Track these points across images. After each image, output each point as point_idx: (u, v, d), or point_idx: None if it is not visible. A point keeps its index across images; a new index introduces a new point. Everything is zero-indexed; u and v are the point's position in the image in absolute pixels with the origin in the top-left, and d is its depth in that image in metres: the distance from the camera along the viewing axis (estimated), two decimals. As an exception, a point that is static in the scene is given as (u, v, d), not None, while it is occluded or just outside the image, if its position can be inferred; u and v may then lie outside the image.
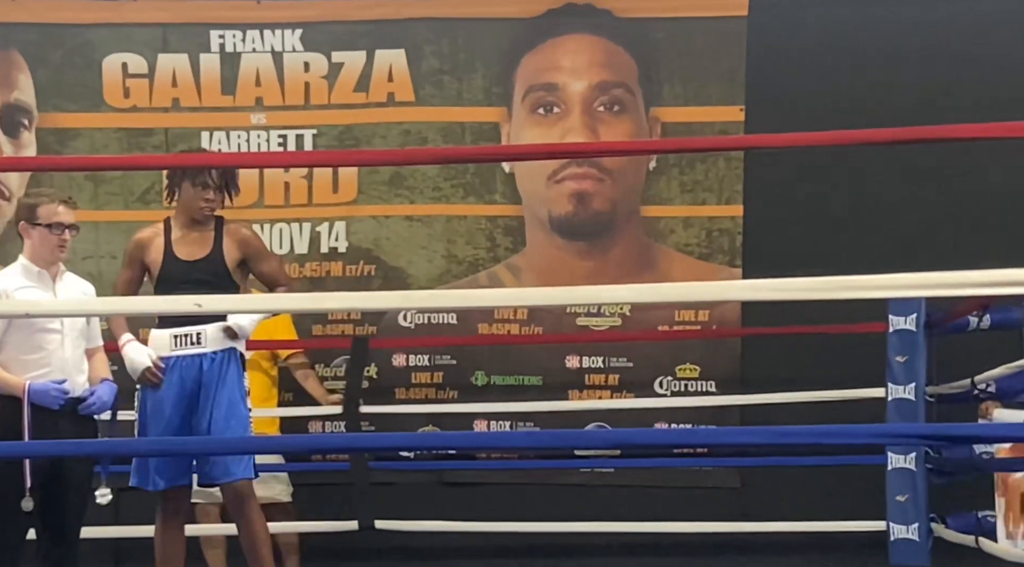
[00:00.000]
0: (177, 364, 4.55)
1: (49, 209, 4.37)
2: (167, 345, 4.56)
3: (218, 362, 4.56)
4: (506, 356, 6.24)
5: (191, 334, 4.55)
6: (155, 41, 6.29)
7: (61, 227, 4.36)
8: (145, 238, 4.65)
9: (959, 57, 6.10)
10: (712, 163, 6.21)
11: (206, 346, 4.56)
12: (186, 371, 4.55)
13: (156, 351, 4.56)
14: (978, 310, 5.33)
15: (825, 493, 5.92)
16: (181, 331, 4.54)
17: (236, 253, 4.63)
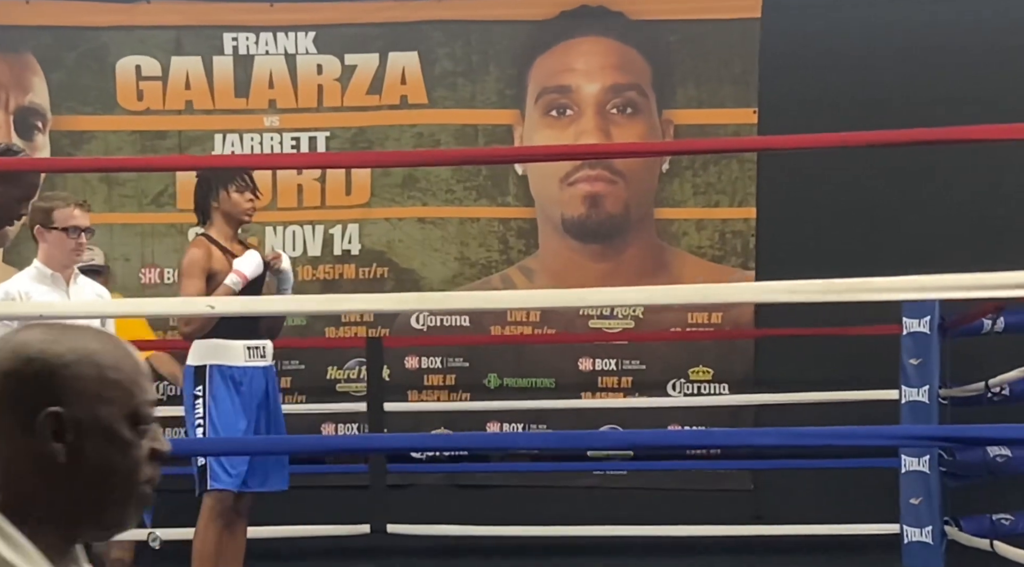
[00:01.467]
0: (250, 375, 4.65)
1: (65, 213, 4.39)
2: (241, 356, 4.63)
3: (273, 374, 4.77)
4: (519, 358, 6.23)
5: (260, 347, 4.67)
6: (168, 44, 6.30)
7: (78, 230, 4.38)
8: (201, 253, 4.68)
9: (972, 59, 6.08)
10: (725, 165, 6.20)
11: (268, 360, 4.72)
12: (256, 383, 4.66)
13: (227, 361, 4.62)
14: (993, 312, 5.32)
15: (838, 496, 5.91)
16: (252, 343, 4.66)
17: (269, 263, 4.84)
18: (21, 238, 6.08)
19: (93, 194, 6.10)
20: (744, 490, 6.12)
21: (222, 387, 4.62)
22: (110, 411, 1.47)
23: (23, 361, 1.46)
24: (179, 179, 6.25)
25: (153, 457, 1.50)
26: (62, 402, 1.45)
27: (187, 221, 6.28)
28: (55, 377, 1.45)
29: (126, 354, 1.50)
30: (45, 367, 1.45)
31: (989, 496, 5.45)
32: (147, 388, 1.51)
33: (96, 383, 1.46)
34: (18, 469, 1.45)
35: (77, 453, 1.45)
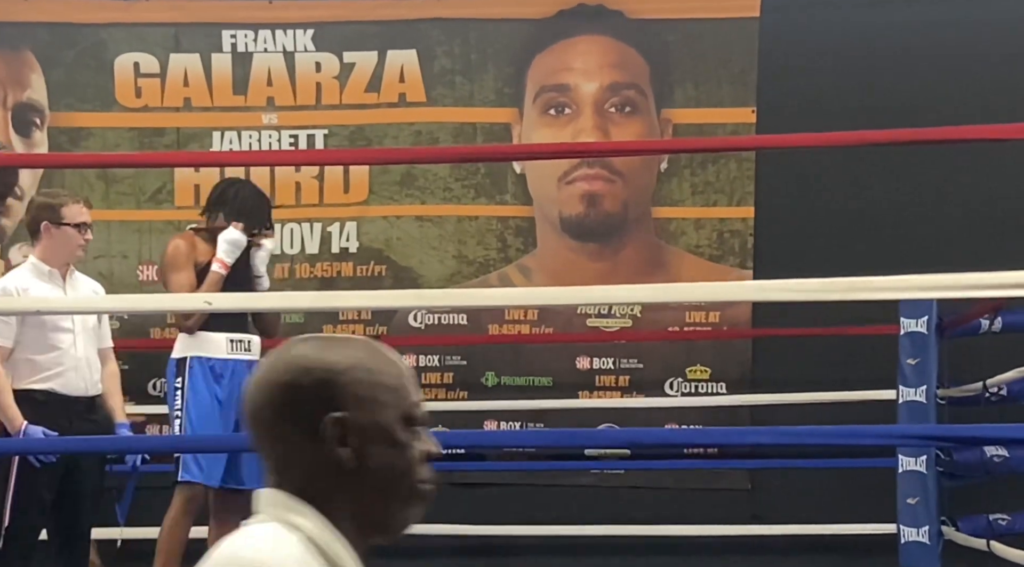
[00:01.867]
0: (231, 368, 4.64)
1: (74, 209, 4.41)
2: (223, 348, 4.63)
3: None
4: (516, 357, 6.23)
5: (245, 341, 4.66)
6: (167, 41, 6.30)
7: (86, 227, 4.41)
8: (186, 244, 4.74)
9: (970, 59, 6.08)
10: (723, 165, 6.20)
11: (254, 354, 4.70)
12: (240, 376, 4.64)
13: (209, 353, 4.63)
14: (990, 313, 5.31)
15: (836, 496, 5.91)
16: (236, 337, 4.66)
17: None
18: (19, 234, 6.09)
19: (91, 191, 6.09)
20: (741, 489, 6.12)
21: (201, 379, 4.61)
22: (386, 414, 1.52)
23: (302, 372, 1.52)
24: (177, 177, 6.25)
25: (427, 458, 1.55)
26: (343, 408, 1.51)
27: (185, 218, 6.27)
28: (334, 385, 1.51)
29: (392, 359, 1.56)
30: (323, 376, 1.51)
31: (986, 496, 5.45)
32: (415, 391, 1.56)
33: (371, 388, 1.52)
34: (311, 477, 1.51)
35: (362, 457, 1.51)
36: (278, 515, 1.51)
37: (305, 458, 1.51)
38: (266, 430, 1.54)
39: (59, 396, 4.33)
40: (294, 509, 1.51)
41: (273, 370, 1.54)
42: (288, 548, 1.47)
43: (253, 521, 1.53)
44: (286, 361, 1.54)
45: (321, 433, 1.50)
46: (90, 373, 4.40)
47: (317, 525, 1.50)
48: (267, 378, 1.54)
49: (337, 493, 1.51)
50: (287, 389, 1.52)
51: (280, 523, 1.50)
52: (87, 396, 4.39)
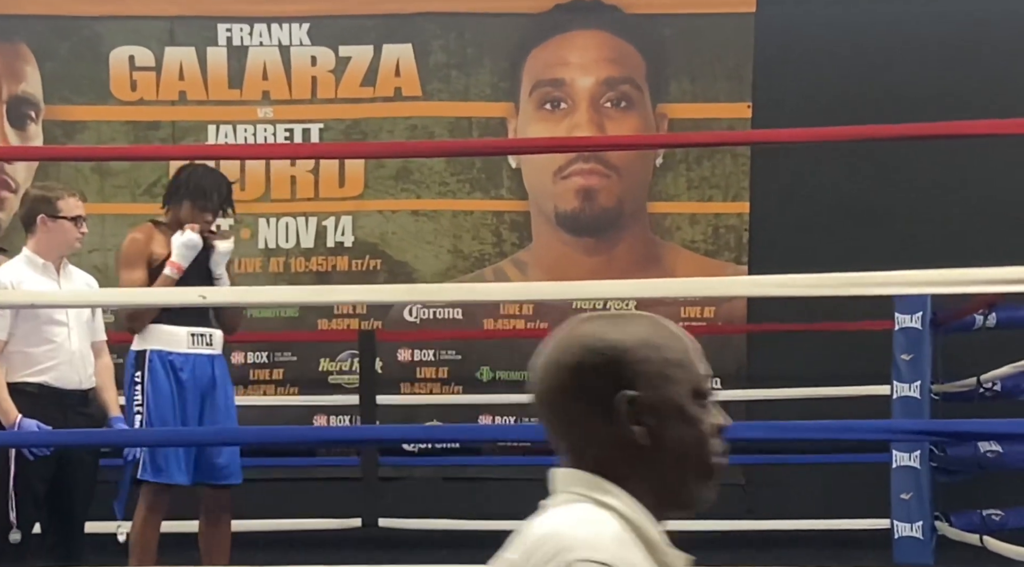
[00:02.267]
0: (192, 362, 4.61)
1: (70, 203, 4.42)
2: (184, 342, 4.61)
3: (222, 363, 4.69)
4: (511, 351, 6.23)
5: (206, 335, 4.63)
6: (162, 34, 6.29)
7: (82, 220, 4.43)
8: (143, 237, 4.69)
9: (967, 53, 6.09)
10: (719, 160, 6.20)
11: (215, 348, 4.65)
12: (201, 370, 4.62)
13: (170, 347, 4.59)
14: (984, 308, 5.32)
15: (829, 491, 5.92)
16: (197, 330, 4.62)
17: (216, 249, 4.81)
18: (14, 227, 6.08)
19: (86, 184, 6.09)
20: (736, 484, 6.12)
21: (161, 374, 4.60)
22: (677, 390, 1.52)
23: (591, 352, 1.52)
24: (172, 170, 6.23)
25: (718, 431, 1.54)
26: (634, 387, 1.50)
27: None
28: (624, 363, 1.51)
29: (676, 334, 1.56)
30: (613, 355, 1.51)
31: (980, 491, 5.45)
32: (702, 364, 1.56)
33: (660, 365, 1.52)
34: (607, 456, 1.51)
35: (657, 434, 1.51)
36: (585, 494, 1.50)
37: (599, 438, 1.51)
38: (558, 412, 1.53)
39: (53, 389, 4.33)
40: (600, 488, 1.51)
41: (562, 351, 1.53)
42: (605, 526, 1.47)
43: (558, 501, 1.52)
44: (574, 342, 1.53)
45: (614, 413, 1.49)
46: (84, 366, 4.40)
47: (627, 503, 1.49)
48: (556, 360, 1.53)
49: (634, 471, 1.50)
50: (578, 370, 1.51)
51: (590, 502, 1.50)
52: (81, 389, 4.39)
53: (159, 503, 4.58)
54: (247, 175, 6.23)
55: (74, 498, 4.39)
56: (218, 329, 4.68)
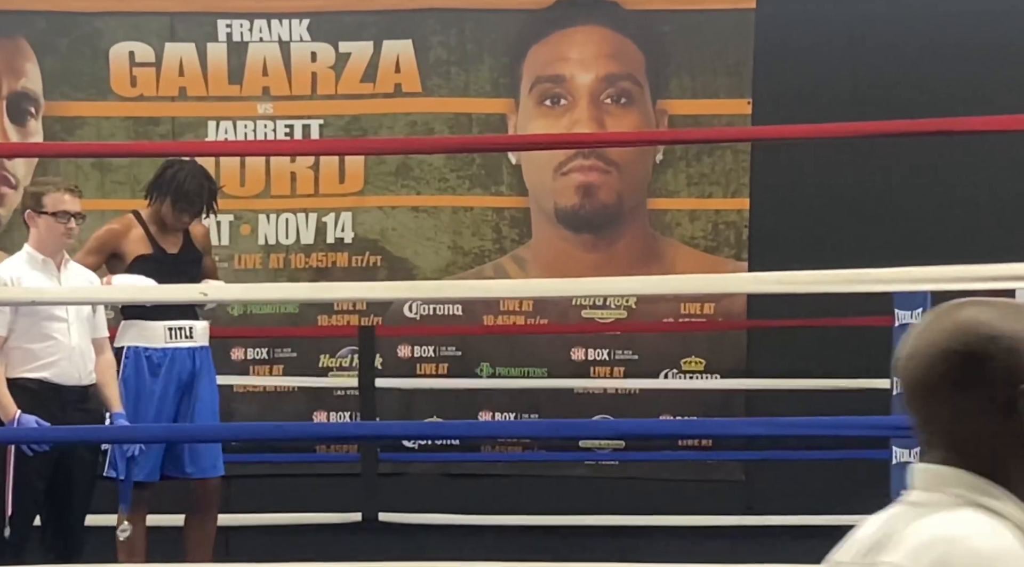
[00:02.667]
0: (170, 356, 4.59)
1: (55, 198, 4.39)
2: (161, 337, 4.61)
3: (206, 356, 4.68)
4: (511, 347, 6.23)
5: (185, 327, 4.61)
6: (162, 30, 6.28)
7: (67, 215, 4.38)
8: (121, 229, 4.69)
9: (968, 50, 6.08)
10: (719, 156, 6.20)
11: (196, 340, 4.65)
12: (181, 364, 4.62)
13: (147, 342, 4.60)
14: (984, 305, 5.31)
15: (829, 487, 5.92)
16: (175, 324, 4.60)
17: (200, 246, 4.84)
18: (13, 224, 6.08)
19: (86, 180, 6.09)
20: (735, 480, 6.13)
21: (133, 370, 4.59)
22: None
23: (985, 339, 1.40)
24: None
25: None
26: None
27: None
28: (1022, 354, 1.39)
29: None
30: (1011, 345, 1.40)
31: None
32: None
33: None
34: (993, 453, 1.39)
35: None
36: (969, 498, 1.39)
37: (985, 433, 1.39)
38: (934, 401, 1.41)
39: (52, 385, 4.34)
40: (988, 492, 1.38)
41: (945, 337, 1.41)
42: (1003, 539, 1.34)
43: (933, 502, 1.40)
44: (959, 328, 1.42)
45: (1012, 406, 1.37)
46: (83, 362, 4.41)
47: (1020, 510, 1.37)
48: (938, 346, 1.42)
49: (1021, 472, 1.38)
50: (968, 358, 1.40)
51: (976, 508, 1.37)
52: (80, 385, 4.39)
53: (140, 500, 4.58)
54: (247, 171, 6.23)
55: (73, 494, 4.39)
56: (201, 320, 4.68)
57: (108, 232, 4.68)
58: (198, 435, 4.47)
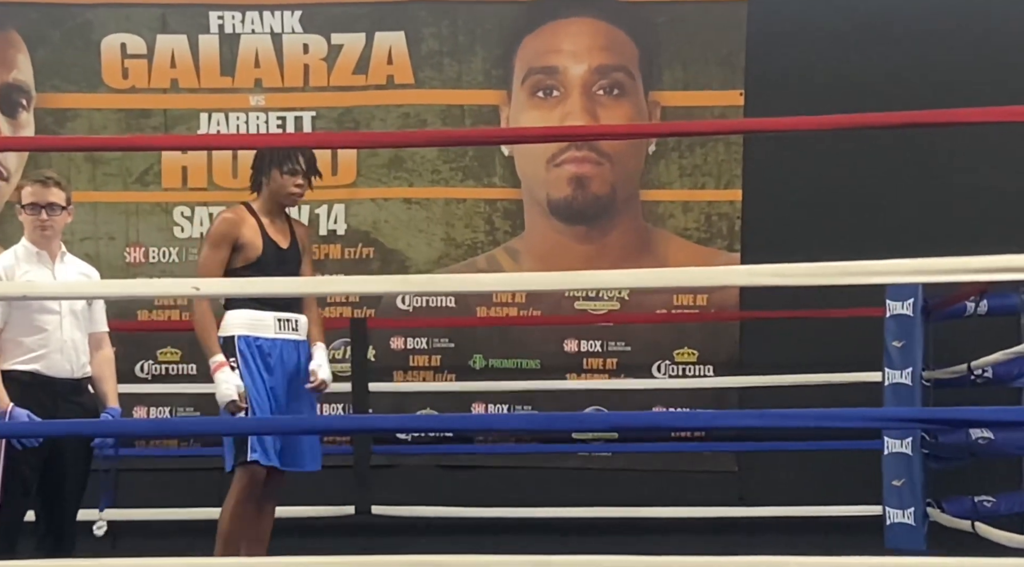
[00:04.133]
0: (280, 347, 4.60)
1: (26, 191, 4.43)
2: (271, 328, 4.60)
3: (305, 352, 4.66)
4: (504, 339, 6.24)
5: (292, 320, 4.62)
6: (154, 22, 6.28)
7: (36, 208, 4.38)
8: (237, 219, 4.65)
9: (960, 40, 6.09)
10: (711, 147, 6.21)
11: (301, 334, 4.64)
12: (288, 355, 4.61)
13: (257, 333, 4.59)
14: (975, 295, 5.34)
15: (822, 478, 5.94)
16: (283, 316, 4.60)
17: (305, 242, 4.77)
18: (6, 216, 6.08)
19: (77, 172, 6.09)
20: (728, 471, 6.14)
21: (250, 359, 4.59)
22: None
23: None
24: (164, 158, 6.23)
25: None
26: None
27: (172, 200, 6.28)
28: None
29: None
30: None
31: (971, 478, 5.48)
32: None
33: None
34: None
35: None
36: None
37: None
38: None
39: (44, 377, 4.34)
40: None
41: None
42: None
43: None
44: None
45: None
46: (76, 355, 4.40)
47: None
48: None
49: None
50: None
51: None
52: (72, 378, 4.39)
53: (256, 487, 4.54)
54: (239, 163, 6.22)
55: (65, 488, 4.39)
56: (303, 314, 4.66)
57: (225, 222, 4.61)
58: (189, 430, 4.45)
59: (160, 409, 6.17)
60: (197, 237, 6.22)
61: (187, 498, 5.76)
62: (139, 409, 6.11)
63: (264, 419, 4.50)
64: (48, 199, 4.39)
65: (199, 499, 5.66)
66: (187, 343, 6.21)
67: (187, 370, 6.21)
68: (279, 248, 4.66)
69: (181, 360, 6.21)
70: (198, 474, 5.88)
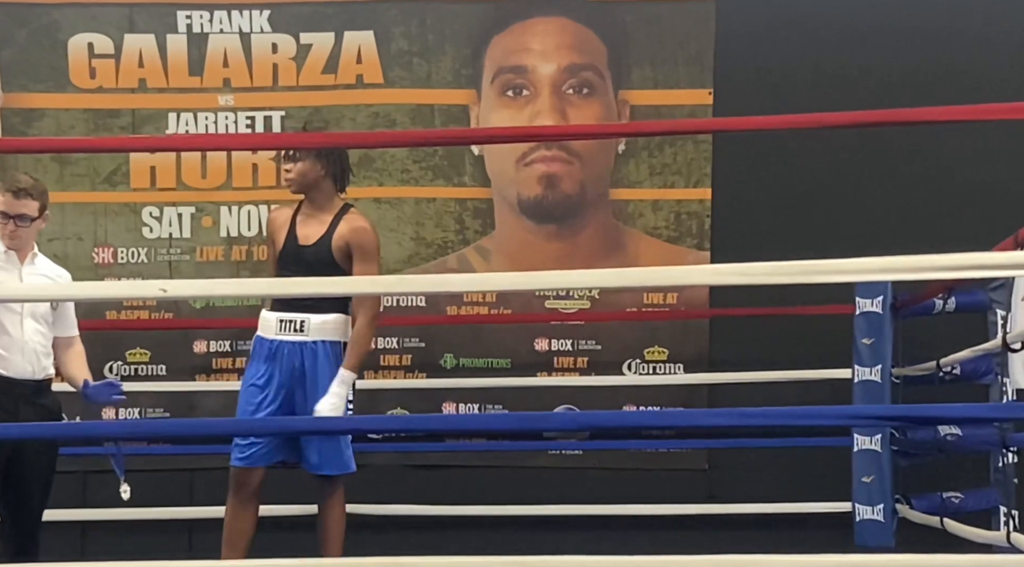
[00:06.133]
0: (280, 348, 4.55)
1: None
2: (273, 328, 4.56)
3: (318, 353, 4.56)
4: (475, 338, 6.24)
5: (295, 321, 4.54)
6: (121, 21, 6.24)
7: (5, 216, 4.36)
8: (277, 215, 4.68)
9: (929, 39, 6.12)
10: (681, 146, 6.22)
11: (308, 335, 4.54)
12: (289, 357, 4.56)
13: (263, 333, 4.59)
14: (944, 292, 5.37)
15: (792, 475, 5.96)
16: (286, 316, 4.54)
17: (344, 241, 4.60)
18: None
19: (45, 173, 6.04)
20: (698, 469, 6.16)
21: (255, 358, 4.58)
22: None
23: None
24: (132, 158, 6.20)
25: None
26: None
27: (141, 200, 6.25)
28: None
29: None
30: None
31: (940, 474, 5.51)
32: None
33: None
34: None
35: None
36: None
37: None
38: None
39: (4, 379, 4.31)
40: None
41: None
42: None
43: None
44: None
45: None
46: (37, 357, 4.38)
47: None
48: None
49: None
50: None
51: None
52: (34, 380, 4.36)
53: (236, 487, 4.56)
54: (208, 163, 6.20)
55: (27, 490, 4.35)
56: (319, 315, 4.53)
57: (268, 220, 4.74)
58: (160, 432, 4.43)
59: (130, 410, 6.14)
60: (166, 237, 6.20)
61: (157, 497, 5.74)
62: (108, 409, 6.07)
63: (226, 421, 4.47)
64: (18, 210, 4.38)
65: (170, 499, 5.65)
66: (156, 343, 6.19)
67: (156, 370, 6.19)
68: (299, 245, 4.60)
69: (151, 361, 6.18)
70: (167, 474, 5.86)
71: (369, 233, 4.62)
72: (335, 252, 4.59)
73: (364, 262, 4.56)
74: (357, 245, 4.59)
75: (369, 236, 4.61)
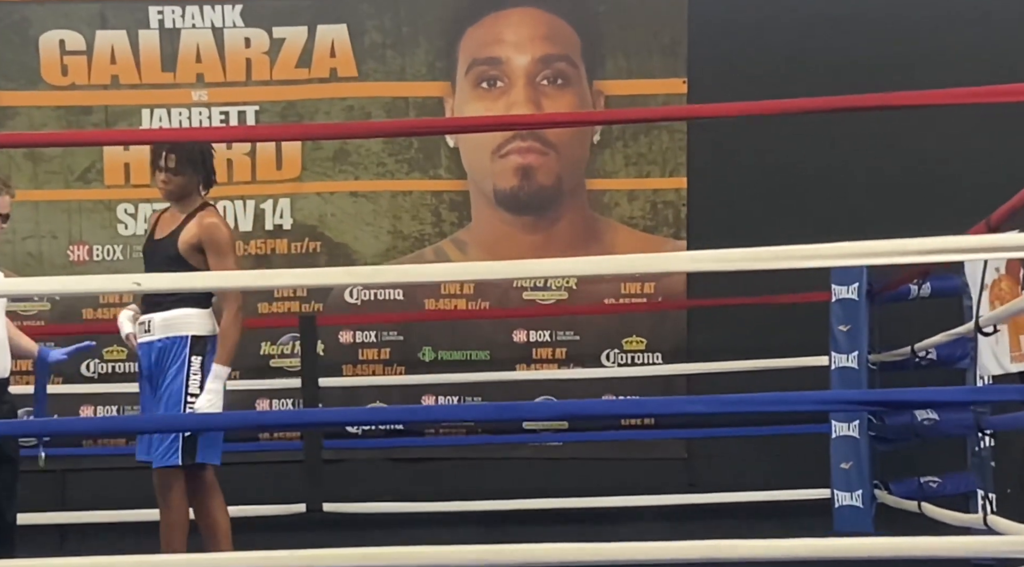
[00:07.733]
0: (141, 350, 4.62)
1: None
2: (138, 331, 4.66)
3: (165, 351, 4.57)
4: (453, 331, 6.24)
5: (145, 322, 4.59)
6: (93, 17, 6.21)
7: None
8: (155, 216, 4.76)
9: (904, 25, 6.14)
10: (656, 136, 6.23)
11: (153, 334, 4.58)
12: (143, 358, 4.63)
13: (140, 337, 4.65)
14: (919, 278, 5.39)
15: (770, 462, 5.98)
16: (142, 319, 4.62)
17: (193, 237, 4.59)
18: None
19: (18, 171, 6.02)
20: (678, 458, 6.17)
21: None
22: None
23: None
24: (106, 155, 6.17)
25: None
26: None
27: (115, 197, 6.22)
28: None
29: None
30: None
31: (917, 459, 5.53)
32: None
33: None
34: None
35: None
36: None
37: None
38: None
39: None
40: None
41: None
42: None
43: None
44: None
45: None
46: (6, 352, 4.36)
47: None
48: None
49: None
50: None
51: None
52: (3, 377, 4.34)
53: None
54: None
55: None
56: (161, 312, 4.54)
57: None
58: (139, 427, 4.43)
59: (107, 408, 6.12)
60: (141, 234, 6.17)
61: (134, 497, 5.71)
62: (86, 408, 6.05)
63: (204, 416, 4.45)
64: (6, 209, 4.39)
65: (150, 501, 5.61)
66: (133, 341, 6.16)
67: (134, 369, 6.16)
68: (151, 239, 4.69)
69: (128, 358, 6.15)
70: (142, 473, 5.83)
71: (220, 228, 4.60)
72: (181, 247, 4.57)
73: (218, 257, 4.54)
74: (208, 241, 4.57)
75: (220, 231, 4.59)
